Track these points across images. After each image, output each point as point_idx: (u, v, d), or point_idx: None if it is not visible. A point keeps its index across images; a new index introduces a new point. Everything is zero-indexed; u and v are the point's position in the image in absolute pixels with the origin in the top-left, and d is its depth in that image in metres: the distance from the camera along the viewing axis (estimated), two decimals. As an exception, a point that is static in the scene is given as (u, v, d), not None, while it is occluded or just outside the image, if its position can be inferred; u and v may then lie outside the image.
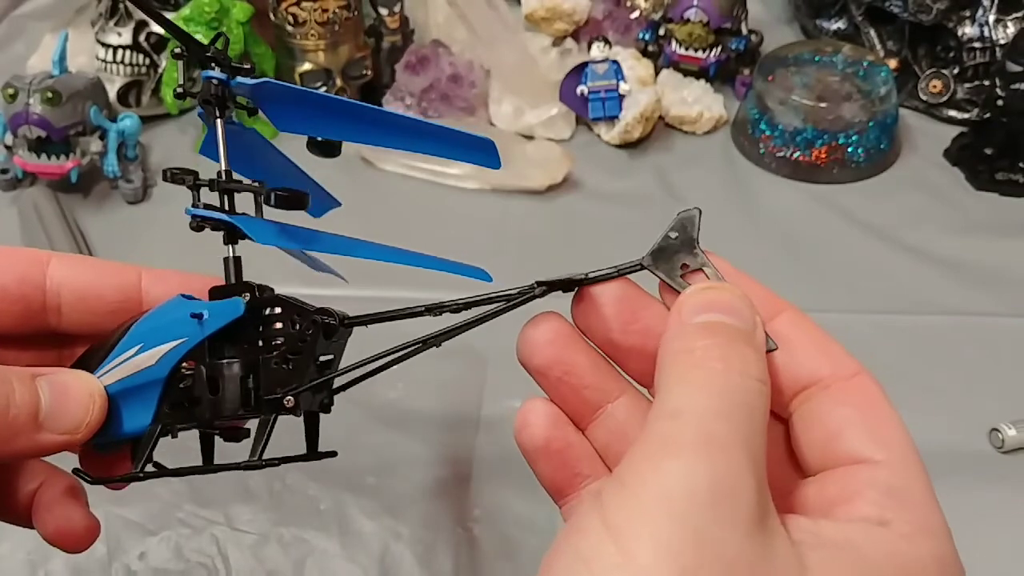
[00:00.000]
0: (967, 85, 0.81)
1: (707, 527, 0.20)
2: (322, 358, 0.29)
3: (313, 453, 0.30)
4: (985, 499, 0.51)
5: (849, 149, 0.75)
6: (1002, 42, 0.79)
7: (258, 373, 0.29)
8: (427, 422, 0.55)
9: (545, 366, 0.28)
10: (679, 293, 0.27)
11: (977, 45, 0.80)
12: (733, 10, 0.81)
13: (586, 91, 0.77)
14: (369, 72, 0.81)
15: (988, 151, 0.75)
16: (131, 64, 0.79)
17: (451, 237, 0.72)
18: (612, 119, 0.78)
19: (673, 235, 0.29)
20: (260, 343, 0.29)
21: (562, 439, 0.28)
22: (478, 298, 0.29)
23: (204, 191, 0.30)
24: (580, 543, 0.21)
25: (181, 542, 0.49)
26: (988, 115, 0.78)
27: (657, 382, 0.24)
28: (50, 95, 0.67)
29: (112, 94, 0.78)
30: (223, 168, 0.29)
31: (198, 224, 0.29)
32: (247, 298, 0.29)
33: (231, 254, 0.30)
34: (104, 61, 0.79)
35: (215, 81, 0.28)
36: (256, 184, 0.29)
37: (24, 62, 0.86)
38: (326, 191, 0.33)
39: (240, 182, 0.30)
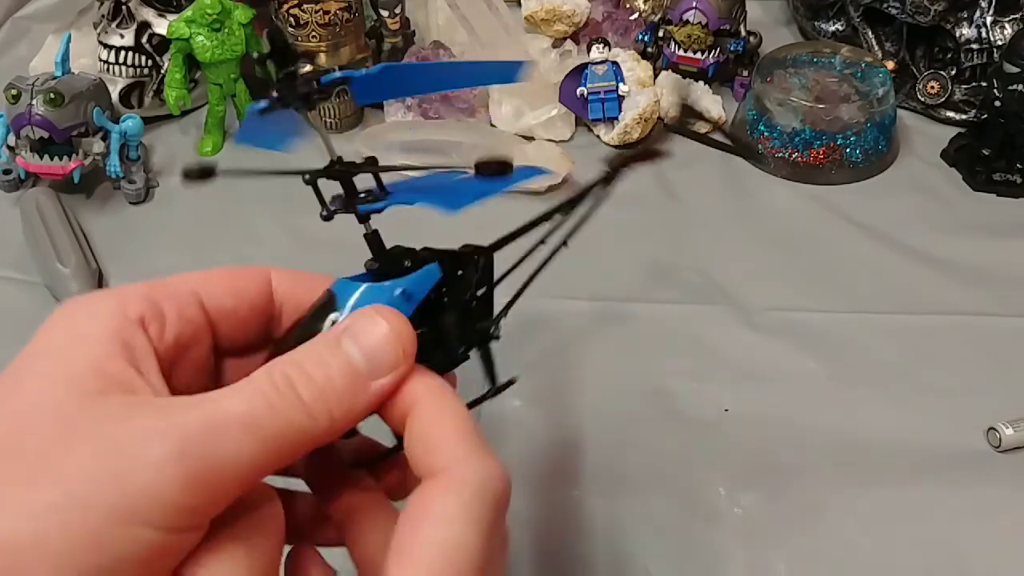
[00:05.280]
0: (964, 86, 0.82)
1: None
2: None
3: (500, 385, 0.34)
4: (982, 498, 0.52)
5: (847, 150, 0.76)
6: (999, 43, 0.79)
7: (464, 318, 0.32)
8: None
9: None
10: None
11: (975, 46, 0.80)
12: (732, 12, 0.82)
13: (586, 92, 0.78)
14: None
15: (985, 152, 0.75)
16: (133, 65, 0.80)
17: (451, 237, 0.72)
18: (611, 120, 0.78)
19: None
20: (438, 294, 0.32)
21: None
22: (578, 195, 0.35)
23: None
24: None
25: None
26: (985, 116, 0.78)
27: None
28: (53, 96, 0.68)
29: (114, 95, 0.79)
30: (335, 156, 0.31)
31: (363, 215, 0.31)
32: (408, 264, 0.31)
33: (368, 230, 0.31)
34: (106, 62, 0.80)
35: (335, 80, 0.30)
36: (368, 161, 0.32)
37: (27, 64, 0.86)
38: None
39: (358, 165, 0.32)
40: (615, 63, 0.78)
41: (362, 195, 0.31)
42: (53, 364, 0.27)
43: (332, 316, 0.30)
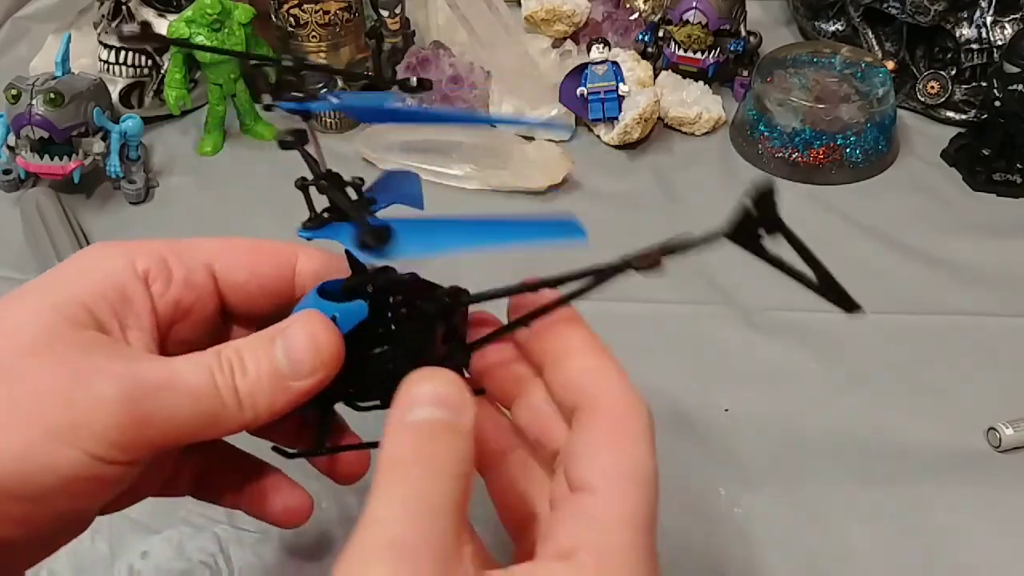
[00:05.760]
0: (964, 86, 0.82)
1: None
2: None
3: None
4: (982, 497, 0.52)
5: (847, 150, 0.76)
6: (999, 43, 0.79)
7: (399, 356, 0.32)
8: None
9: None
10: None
11: (975, 46, 0.80)
12: (732, 12, 0.82)
13: (586, 92, 0.78)
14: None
15: (985, 152, 0.75)
16: (133, 65, 0.80)
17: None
18: (611, 120, 0.78)
19: (749, 204, 0.29)
20: (393, 328, 0.32)
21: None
22: (573, 273, 0.32)
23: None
24: None
25: (183, 541, 0.49)
26: (985, 116, 0.78)
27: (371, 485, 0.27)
28: (53, 96, 0.68)
29: (114, 95, 0.79)
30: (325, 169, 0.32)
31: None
32: (371, 289, 0.32)
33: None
34: (106, 62, 0.80)
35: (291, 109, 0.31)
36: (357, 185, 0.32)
37: (27, 64, 0.86)
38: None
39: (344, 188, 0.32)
40: (615, 63, 0.78)
41: (311, 218, 0.32)
42: (48, 291, 0.30)
43: None
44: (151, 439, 0.28)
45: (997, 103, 0.74)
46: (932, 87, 0.82)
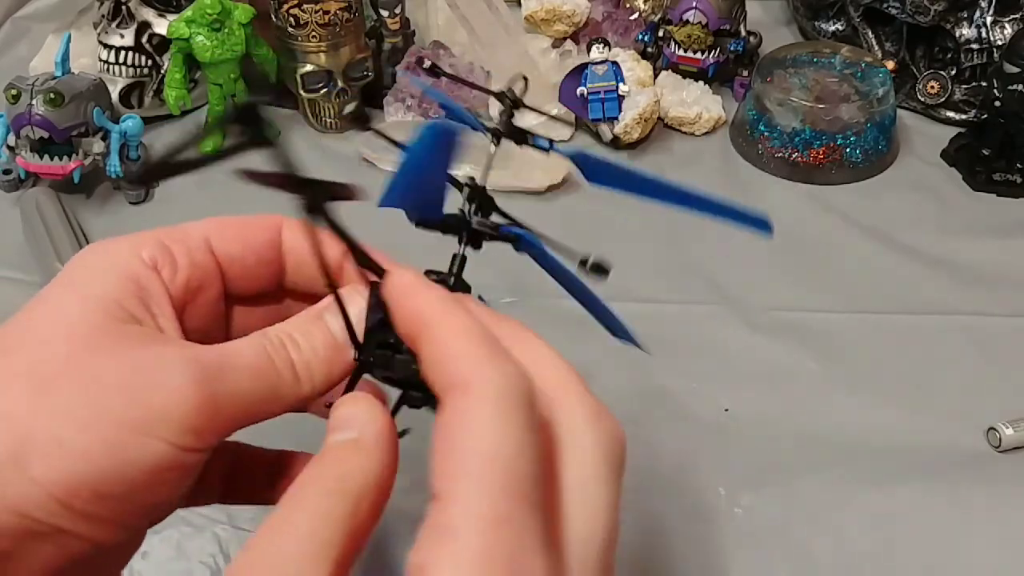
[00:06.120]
0: (964, 86, 0.82)
1: None
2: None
3: None
4: (982, 497, 0.52)
5: (847, 150, 0.76)
6: (999, 43, 0.79)
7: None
8: (425, 422, 0.55)
9: None
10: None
11: (975, 46, 0.80)
12: (732, 12, 0.82)
13: (586, 92, 0.78)
14: (370, 73, 0.81)
15: (985, 152, 0.76)
16: (133, 65, 0.80)
17: (451, 237, 0.72)
18: (611, 120, 0.78)
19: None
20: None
21: None
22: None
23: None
24: None
25: (183, 541, 0.49)
26: (985, 116, 0.78)
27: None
28: (53, 96, 0.68)
29: (114, 95, 0.79)
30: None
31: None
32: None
33: (461, 251, 0.33)
34: (106, 62, 0.80)
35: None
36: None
37: (27, 64, 0.86)
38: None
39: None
40: (615, 63, 0.78)
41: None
42: (79, 289, 0.30)
43: None
44: (221, 422, 0.28)
45: (997, 103, 0.74)
46: (932, 87, 0.82)
